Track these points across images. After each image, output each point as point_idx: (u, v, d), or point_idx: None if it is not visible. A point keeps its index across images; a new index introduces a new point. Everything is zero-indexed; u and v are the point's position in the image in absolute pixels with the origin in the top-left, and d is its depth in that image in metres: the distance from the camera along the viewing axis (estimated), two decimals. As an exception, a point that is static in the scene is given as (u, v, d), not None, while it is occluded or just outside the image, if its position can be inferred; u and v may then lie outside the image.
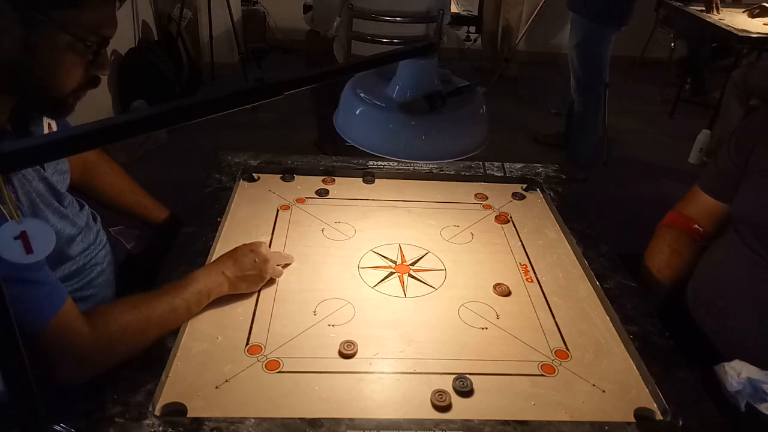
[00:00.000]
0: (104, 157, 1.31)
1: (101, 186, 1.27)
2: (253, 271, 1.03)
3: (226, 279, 1.00)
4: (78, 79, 0.84)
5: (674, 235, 1.27)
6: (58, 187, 0.97)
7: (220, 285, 1.00)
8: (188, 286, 0.96)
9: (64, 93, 0.84)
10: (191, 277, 0.98)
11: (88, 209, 1.11)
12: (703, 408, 0.86)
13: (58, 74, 0.82)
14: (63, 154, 0.82)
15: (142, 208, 1.33)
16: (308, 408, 0.82)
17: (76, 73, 0.84)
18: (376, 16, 2.41)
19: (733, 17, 3.56)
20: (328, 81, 0.75)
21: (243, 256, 1.04)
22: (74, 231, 1.00)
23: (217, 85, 4.14)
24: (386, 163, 1.44)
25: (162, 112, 0.61)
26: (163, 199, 1.38)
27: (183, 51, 3.80)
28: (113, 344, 0.86)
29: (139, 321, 0.88)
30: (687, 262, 1.25)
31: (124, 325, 0.86)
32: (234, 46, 4.02)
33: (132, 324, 0.87)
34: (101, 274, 1.07)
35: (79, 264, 1.02)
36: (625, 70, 4.59)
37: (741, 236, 1.14)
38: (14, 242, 0.59)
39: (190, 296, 0.95)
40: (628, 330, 0.99)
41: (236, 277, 1.01)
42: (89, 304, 1.03)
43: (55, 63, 0.81)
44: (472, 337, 0.98)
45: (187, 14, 3.93)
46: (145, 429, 0.76)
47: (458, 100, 0.90)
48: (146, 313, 0.89)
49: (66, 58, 0.81)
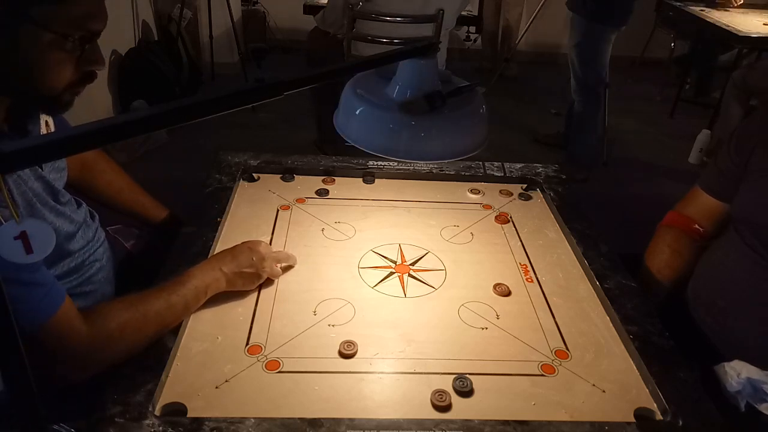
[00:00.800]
0: (103, 156, 1.30)
1: (100, 184, 1.27)
2: (250, 269, 1.03)
3: (223, 275, 1.00)
4: (69, 75, 0.83)
5: (674, 235, 1.27)
6: (55, 184, 0.97)
7: (217, 281, 1.00)
8: (186, 283, 0.96)
9: (56, 90, 0.83)
10: (188, 273, 0.98)
11: (85, 207, 1.11)
12: (703, 408, 0.86)
13: (46, 72, 0.81)
14: (62, 154, 0.82)
15: (141, 207, 1.33)
16: (308, 408, 0.82)
17: (65, 70, 0.82)
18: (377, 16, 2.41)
19: (733, 17, 3.56)
20: (328, 81, 0.75)
21: (241, 253, 1.04)
22: (73, 228, 1.00)
23: (217, 85, 4.14)
24: (386, 163, 1.44)
25: (162, 112, 0.61)
26: (163, 199, 1.38)
27: (183, 51, 3.80)
28: (112, 342, 0.86)
29: (138, 319, 0.88)
30: (687, 262, 1.25)
31: (122, 324, 0.86)
32: (234, 46, 4.02)
33: (130, 322, 0.87)
34: (101, 270, 1.08)
35: (78, 261, 1.02)
36: (625, 70, 4.58)
37: (741, 236, 1.14)
38: (14, 242, 0.59)
39: (187, 293, 0.95)
40: (628, 330, 0.99)
41: (233, 274, 1.01)
42: (89, 300, 1.03)
43: (41, 61, 0.79)
44: (472, 337, 0.98)
45: (187, 14, 3.93)
46: (145, 429, 0.76)
47: (458, 100, 0.90)
48: (144, 311, 0.89)
49: (52, 56, 0.79)
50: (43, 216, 0.91)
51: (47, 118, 1.03)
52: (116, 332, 0.86)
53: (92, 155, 1.26)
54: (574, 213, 1.33)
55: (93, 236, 1.08)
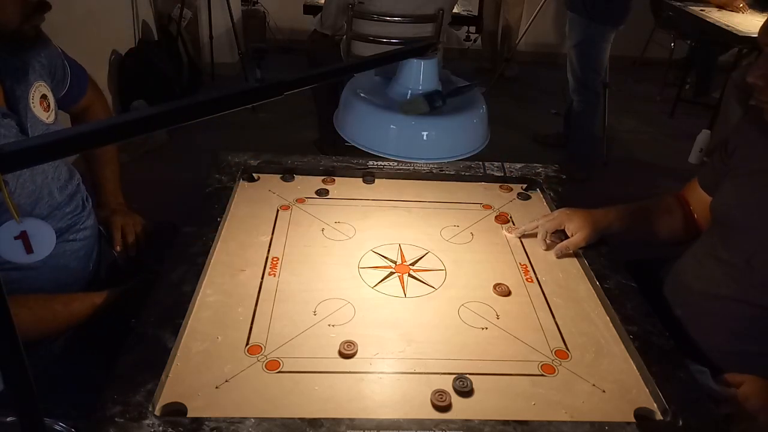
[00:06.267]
0: (102, 101, 1.36)
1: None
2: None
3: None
4: (19, 8, 0.84)
5: (673, 200, 1.31)
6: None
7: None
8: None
9: (12, 24, 0.84)
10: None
11: (82, 186, 1.16)
12: (703, 408, 0.86)
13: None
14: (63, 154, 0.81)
15: (99, 185, 1.38)
16: (308, 408, 0.82)
17: (12, 3, 0.83)
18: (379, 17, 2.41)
19: (732, 17, 3.56)
20: (328, 81, 0.75)
21: None
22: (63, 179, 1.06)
23: (217, 85, 4.14)
24: (386, 163, 1.44)
25: (162, 112, 0.61)
26: (163, 199, 1.38)
27: (183, 51, 3.80)
28: None
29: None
30: (673, 223, 1.28)
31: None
32: (234, 46, 4.02)
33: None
34: (87, 238, 1.14)
35: (66, 211, 1.08)
36: (625, 70, 4.58)
37: (711, 239, 1.16)
38: (14, 242, 0.59)
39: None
40: (628, 330, 0.99)
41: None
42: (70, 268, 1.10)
43: None
44: (472, 337, 0.98)
45: (187, 14, 3.93)
46: (145, 429, 0.76)
47: (458, 100, 0.90)
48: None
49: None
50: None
51: (46, 91, 1.04)
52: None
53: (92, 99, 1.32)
54: (574, 213, 1.33)
55: (82, 206, 1.11)
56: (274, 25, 4.80)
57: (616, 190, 3.08)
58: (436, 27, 2.50)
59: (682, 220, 1.28)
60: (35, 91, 1.02)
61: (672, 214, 1.28)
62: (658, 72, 4.61)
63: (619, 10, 2.81)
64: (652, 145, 3.75)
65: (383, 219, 1.29)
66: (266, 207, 1.29)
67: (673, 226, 1.28)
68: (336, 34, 2.68)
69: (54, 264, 1.08)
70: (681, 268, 1.21)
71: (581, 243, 1.18)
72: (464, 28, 4.77)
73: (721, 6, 3.67)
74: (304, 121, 3.41)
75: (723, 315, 1.10)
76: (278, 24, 4.80)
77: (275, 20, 4.79)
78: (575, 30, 2.90)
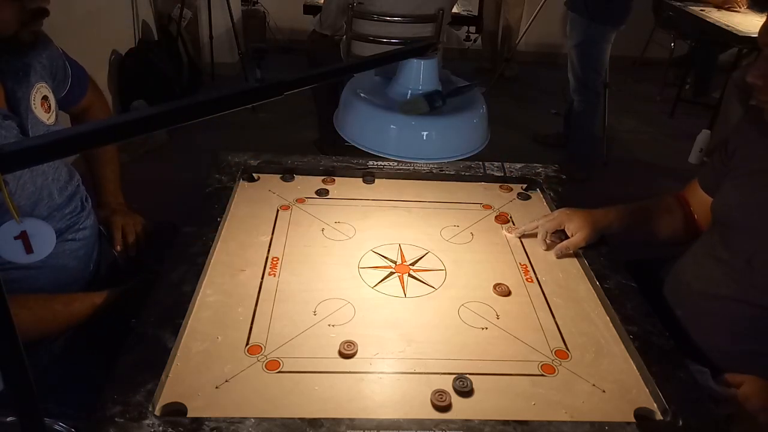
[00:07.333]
0: (102, 102, 1.36)
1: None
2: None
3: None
4: (16, 15, 0.84)
5: (672, 200, 1.31)
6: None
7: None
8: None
9: (8, 30, 0.84)
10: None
11: (82, 187, 1.16)
12: (703, 408, 0.86)
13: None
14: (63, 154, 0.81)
15: (100, 185, 1.38)
16: (308, 408, 0.82)
17: (7, 11, 0.83)
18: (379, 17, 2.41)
19: (732, 17, 3.56)
20: (328, 81, 0.75)
21: None
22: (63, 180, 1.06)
23: (217, 85, 4.14)
24: (386, 163, 1.44)
25: (162, 112, 0.61)
26: (163, 199, 1.38)
27: (183, 51, 3.80)
28: None
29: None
30: (671, 221, 1.28)
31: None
32: (234, 46, 4.02)
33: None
34: (87, 238, 1.13)
35: (66, 212, 1.08)
36: (625, 70, 4.58)
37: (710, 233, 1.15)
38: (14, 242, 0.59)
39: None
40: (628, 330, 0.99)
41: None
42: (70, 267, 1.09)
43: None
44: (472, 337, 0.98)
45: (187, 14, 3.93)
46: (145, 429, 0.76)
47: (458, 100, 0.90)
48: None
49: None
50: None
51: (47, 92, 1.04)
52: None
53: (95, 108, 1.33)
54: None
55: (81, 207, 1.11)
56: (274, 25, 4.80)
57: (616, 190, 3.08)
58: (436, 27, 2.50)
59: (682, 220, 1.28)
60: (36, 92, 1.02)
61: (672, 214, 1.28)
62: (658, 72, 4.61)
63: (619, 10, 2.81)
64: (652, 145, 3.75)
65: (383, 219, 1.29)
66: (266, 207, 1.29)
67: (673, 226, 1.28)
68: (336, 34, 2.68)
69: (54, 264, 1.08)
70: (681, 268, 1.21)
71: (581, 243, 1.18)
72: (464, 28, 4.77)
73: (720, 5, 3.67)
74: (304, 121, 3.41)
75: (723, 315, 1.10)
76: (278, 24, 4.80)
77: (275, 20, 4.79)
78: (576, 30, 2.90)
